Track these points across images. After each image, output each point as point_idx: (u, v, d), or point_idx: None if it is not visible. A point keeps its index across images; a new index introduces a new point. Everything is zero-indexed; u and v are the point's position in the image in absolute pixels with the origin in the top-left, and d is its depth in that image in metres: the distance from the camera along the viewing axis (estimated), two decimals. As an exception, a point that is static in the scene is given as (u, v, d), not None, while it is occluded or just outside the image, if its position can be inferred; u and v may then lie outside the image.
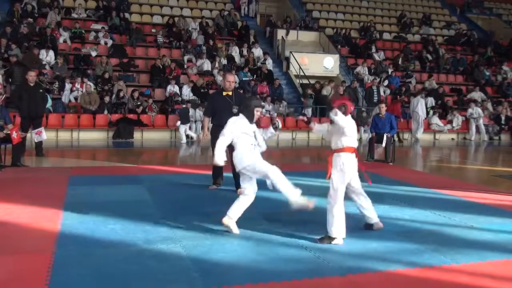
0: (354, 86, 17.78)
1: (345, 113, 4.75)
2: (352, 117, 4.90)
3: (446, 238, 4.99)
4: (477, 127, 17.91)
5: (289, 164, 11.12)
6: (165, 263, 4.07)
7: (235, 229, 4.89)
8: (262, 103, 5.61)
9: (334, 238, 4.69)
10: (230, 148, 7.02)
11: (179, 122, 14.36)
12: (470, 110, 18.01)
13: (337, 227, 4.69)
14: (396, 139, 15.97)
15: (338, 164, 4.78)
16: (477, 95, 19.37)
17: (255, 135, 5.03)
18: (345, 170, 4.78)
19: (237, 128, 4.95)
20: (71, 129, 14.43)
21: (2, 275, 3.80)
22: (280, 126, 5.34)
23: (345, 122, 4.67)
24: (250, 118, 5.01)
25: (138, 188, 7.17)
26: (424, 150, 14.88)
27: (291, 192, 4.76)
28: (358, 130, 16.50)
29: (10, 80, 14.52)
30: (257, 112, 5.01)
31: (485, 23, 27.28)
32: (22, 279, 3.70)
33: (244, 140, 4.96)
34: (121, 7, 19.83)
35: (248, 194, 4.98)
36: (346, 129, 4.70)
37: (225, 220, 4.88)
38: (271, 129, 5.24)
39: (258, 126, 5.23)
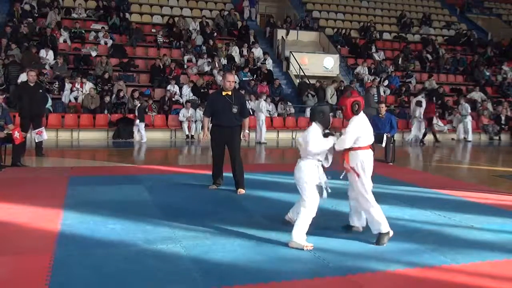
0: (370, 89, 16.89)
1: (358, 111, 4.72)
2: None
3: (446, 238, 4.99)
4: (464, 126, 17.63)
5: (290, 164, 11.13)
6: (165, 263, 4.08)
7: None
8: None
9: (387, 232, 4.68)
10: (229, 148, 7.09)
11: (138, 120, 14.20)
12: (460, 107, 17.67)
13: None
14: (433, 139, 16.14)
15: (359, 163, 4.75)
16: (477, 95, 19.36)
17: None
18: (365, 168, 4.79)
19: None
20: (71, 129, 14.44)
21: (3, 275, 3.81)
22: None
23: (351, 129, 4.63)
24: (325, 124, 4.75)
25: (138, 188, 7.17)
26: (424, 150, 14.88)
27: (299, 231, 4.54)
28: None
29: (8, 80, 14.49)
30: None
31: (485, 23, 27.29)
32: (22, 279, 3.71)
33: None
34: (121, 7, 19.83)
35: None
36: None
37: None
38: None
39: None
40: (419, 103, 16.05)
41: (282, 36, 20.19)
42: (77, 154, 11.80)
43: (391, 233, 4.73)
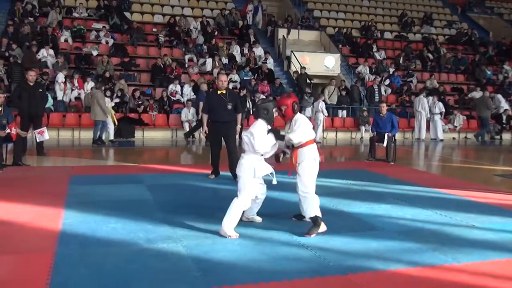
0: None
1: (296, 111, 5.09)
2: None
3: (447, 237, 4.99)
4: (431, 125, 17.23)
5: (290, 164, 11.12)
6: (166, 262, 4.08)
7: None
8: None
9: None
10: (226, 142, 7.42)
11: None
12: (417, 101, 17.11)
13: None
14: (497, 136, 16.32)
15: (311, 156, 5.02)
16: (478, 94, 19.34)
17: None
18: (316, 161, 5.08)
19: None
20: (72, 128, 14.45)
21: (4, 274, 3.81)
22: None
23: (302, 123, 5.00)
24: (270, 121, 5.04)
25: (139, 187, 7.18)
26: (425, 150, 14.88)
27: (229, 221, 4.76)
28: (359, 129, 16.68)
29: (9, 80, 14.53)
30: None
31: (486, 23, 27.24)
32: (23, 278, 3.71)
33: None
34: (122, 6, 19.83)
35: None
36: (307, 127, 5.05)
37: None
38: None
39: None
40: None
41: (283, 35, 20.17)
42: (78, 153, 11.81)
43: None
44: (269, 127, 4.97)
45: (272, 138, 4.94)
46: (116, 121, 13.70)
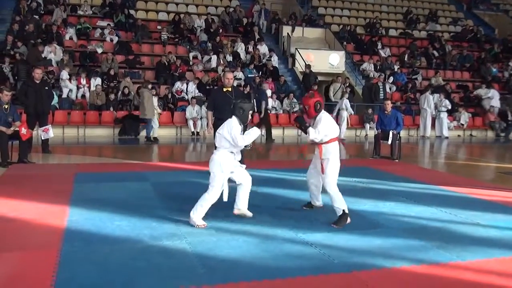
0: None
1: (319, 110, 5.28)
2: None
3: (452, 235, 4.98)
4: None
5: (296, 161, 11.13)
6: (170, 259, 4.09)
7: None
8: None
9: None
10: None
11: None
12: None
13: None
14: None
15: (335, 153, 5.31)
16: (483, 91, 19.26)
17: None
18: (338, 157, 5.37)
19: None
20: (77, 125, 14.49)
21: (9, 271, 3.83)
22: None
23: (324, 122, 5.23)
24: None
25: (143, 184, 7.19)
26: (430, 147, 14.84)
27: (198, 212, 5.09)
28: (364, 127, 16.65)
29: (16, 77, 14.60)
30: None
31: (492, 19, 27.10)
32: (28, 275, 3.73)
33: None
34: (127, 4, 19.85)
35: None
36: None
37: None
38: None
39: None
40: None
41: (288, 33, 20.14)
42: (83, 151, 11.84)
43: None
44: (242, 126, 5.19)
45: (254, 133, 5.17)
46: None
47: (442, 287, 3.73)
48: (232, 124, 5.08)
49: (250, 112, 5.25)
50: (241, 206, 5.34)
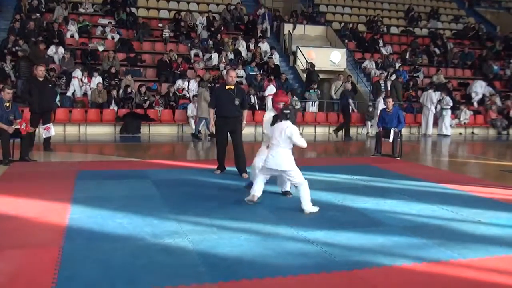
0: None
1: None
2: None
3: (453, 233, 4.98)
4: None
5: (296, 159, 11.11)
6: (172, 257, 4.09)
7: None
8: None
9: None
10: (232, 137, 7.61)
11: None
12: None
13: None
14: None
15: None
16: (485, 89, 19.21)
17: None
18: None
19: None
20: (78, 123, 14.50)
21: (11, 269, 3.84)
22: None
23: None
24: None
25: (145, 182, 7.20)
26: (432, 145, 14.83)
27: (306, 202, 5.61)
28: (365, 124, 16.64)
29: (17, 74, 14.62)
30: None
31: (493, 17, 27.05)
32: (30, 273, 3.73)
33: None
34: (128, 2, 19.84)
35: None
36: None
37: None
38: None
39: None
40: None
41: (289, 31, 20.12)
42: (85, 149, 11.86)
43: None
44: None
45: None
46: None
47: (443, 285, 3.73)
48: (292, 129, 5.68)
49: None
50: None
